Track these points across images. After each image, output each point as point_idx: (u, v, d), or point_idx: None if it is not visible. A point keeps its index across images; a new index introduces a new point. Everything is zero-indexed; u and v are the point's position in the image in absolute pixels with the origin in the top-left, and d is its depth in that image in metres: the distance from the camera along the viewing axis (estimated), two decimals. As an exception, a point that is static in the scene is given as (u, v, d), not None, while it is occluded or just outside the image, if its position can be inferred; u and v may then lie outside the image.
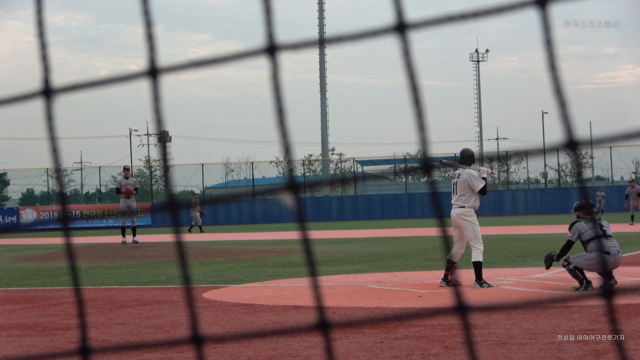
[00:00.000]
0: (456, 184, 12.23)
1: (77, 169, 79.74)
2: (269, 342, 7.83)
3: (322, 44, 1.41)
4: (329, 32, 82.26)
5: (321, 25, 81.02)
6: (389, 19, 1.42)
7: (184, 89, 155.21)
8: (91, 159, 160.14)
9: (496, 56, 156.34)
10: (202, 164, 69.97)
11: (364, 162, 79.83)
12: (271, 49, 1.34)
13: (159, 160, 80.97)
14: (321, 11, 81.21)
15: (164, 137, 1.39)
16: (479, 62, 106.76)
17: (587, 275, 11.30)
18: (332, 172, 79.50)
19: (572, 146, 1.28)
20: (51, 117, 1.43)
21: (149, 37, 1.38)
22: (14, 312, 11.08)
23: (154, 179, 76.13)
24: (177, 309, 10.74)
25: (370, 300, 11.08)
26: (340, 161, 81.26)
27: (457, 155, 12.99)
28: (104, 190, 73.30)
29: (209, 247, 24.45)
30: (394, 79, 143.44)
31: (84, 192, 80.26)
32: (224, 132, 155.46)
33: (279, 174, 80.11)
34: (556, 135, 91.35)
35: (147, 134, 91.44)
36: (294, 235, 33.73)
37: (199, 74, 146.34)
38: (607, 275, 11.27)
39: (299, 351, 7.43)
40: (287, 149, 1.36)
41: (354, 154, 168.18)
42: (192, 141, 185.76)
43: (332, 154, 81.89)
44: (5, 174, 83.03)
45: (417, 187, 71.86)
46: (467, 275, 12.62)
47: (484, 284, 11.89)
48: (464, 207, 12.09)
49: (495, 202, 58.86)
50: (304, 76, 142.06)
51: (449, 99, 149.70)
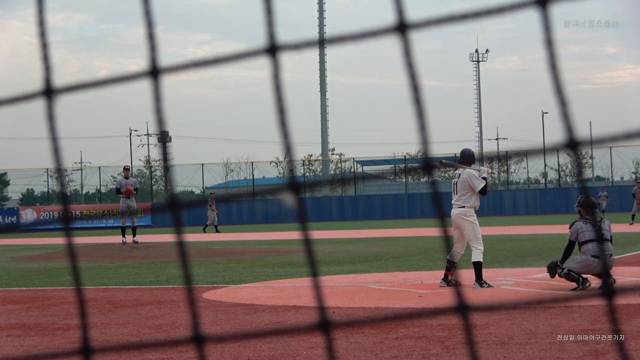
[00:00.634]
0: (456, 184, 12.23)
1: (77, 169, 79.74)
2: (269, 342, 7.83)
3: (322, 44, 1.41)
4: (329, 32, 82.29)
5: (321, 25, 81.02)
6: (389, 19, 1.42)
7: (184, 89, 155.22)
8: (91, 159, 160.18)
9: (496, 56, 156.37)
10: (202, 164, 69.96)
11: (364, 162, 79.82)
12: (272, 49, 1.34)
13: (159, 160, 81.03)
14: (321, 11, 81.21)
15: (164, 137, 1.39)
16: (479, 62, 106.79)
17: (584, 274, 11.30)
18: (332, 172, 79.50)
19: (573, 146, 1.29)
20: (52, 117, 1.44)
21: (150, 37, 1.38)
22: (14, 312, 11.08)
23: (154, 179, 76.14)
24: (177, 309, 10.74)
25: (370, 300, 11.08)
26: (340, 161, 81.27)
27: (457, 155, 12.99)
28: (104, 190, 73.29)
29: (209, 247, 24.45)
30: (394, 79, 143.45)
31: (84, 192, 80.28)
32: (224, 132, 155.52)
33: (279, 174, 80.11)
34: (556, 135, 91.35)
35: (147, 134, 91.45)
36: (294, 235, 33.73)
37: (199, 74, 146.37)
38: (606, 275, 11.27)
39: (299, 351, 7.43)
40: (288, 149, 1.36)
41: (354, 154, 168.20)
42: (192, 141, 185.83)
43: (332, 154, 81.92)
44: (5, 174, 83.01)
45: (417, 187, 71.85)
46: (467, 275, 12.62)
47: (484, 284, 11.89)
48: (464, 207, 12.10)
49: (495, 202, 58.86)
50: (304, 76, 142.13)
51: (449, 99, 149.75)
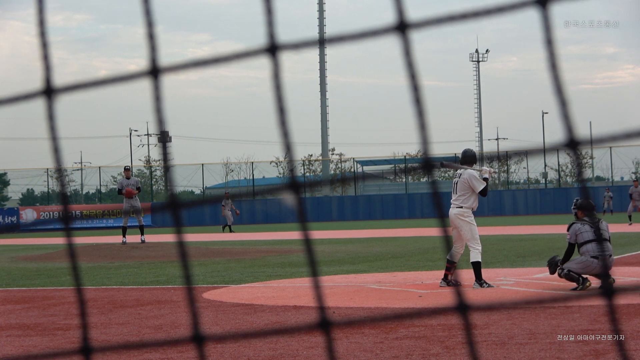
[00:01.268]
0: (457, 183, 12.24)
1: (77, 169, 79.74)
2: (269, 342, 7.83)
3: (322, 43, 1.40)
4: (329, 32, 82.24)
5: (321, 25, 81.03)
6: (388, 19, 1.42)
7: (183, 89, 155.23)
8: (91, 159, 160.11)
9: (496, 56, 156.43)
10: (202, 164, 69.96)
11: (364, 162, 79.83)
12: (272, 49, 1.34)
13: (159, 160, 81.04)
14: (321, 11, 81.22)
15: (164, 137, 1.39)
16: (479, 62, 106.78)
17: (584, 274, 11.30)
18: (332, 172, 79.50)
19: (573, 146, 1.29)
20: (52, 117, 1.44)
21: (150, 37, 1.38)
22: (14, 312, 11.08)
23: (154, 179, 76.14)
24: (177, 309, 10.74)
25: (370, 300, 11.08)
26: (340, 161, 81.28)
27: (457, 155, 13.00)
28: (104, 190, 73.31)
29: (209, 247, 24.45)
30: (394, 79, 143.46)
31: (84, 192, 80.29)
32: (224, 132, 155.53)
33: (279, 174, 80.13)
34: (556, 135, 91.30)
35: (147, 134, 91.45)
36: (294, 235, 33.73)
37: (198, 74, 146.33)
38: (605, 275, 11.26)
39: (299, 351, 7.43)
40: (288, 149, 1.36)
41: (354, 154, 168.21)
42: (192, 141, 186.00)
43: (332, 154, 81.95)
44: (5, 174, 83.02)
45: (417, 187, 71.86)
46: (467, 275, 12.62)
47: (484, 284, 11.89)
48: (462, 207, 12.10)
49: (495, 202, 58.86)
50: (304, 76, 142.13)
51: (449, 99, 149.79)
